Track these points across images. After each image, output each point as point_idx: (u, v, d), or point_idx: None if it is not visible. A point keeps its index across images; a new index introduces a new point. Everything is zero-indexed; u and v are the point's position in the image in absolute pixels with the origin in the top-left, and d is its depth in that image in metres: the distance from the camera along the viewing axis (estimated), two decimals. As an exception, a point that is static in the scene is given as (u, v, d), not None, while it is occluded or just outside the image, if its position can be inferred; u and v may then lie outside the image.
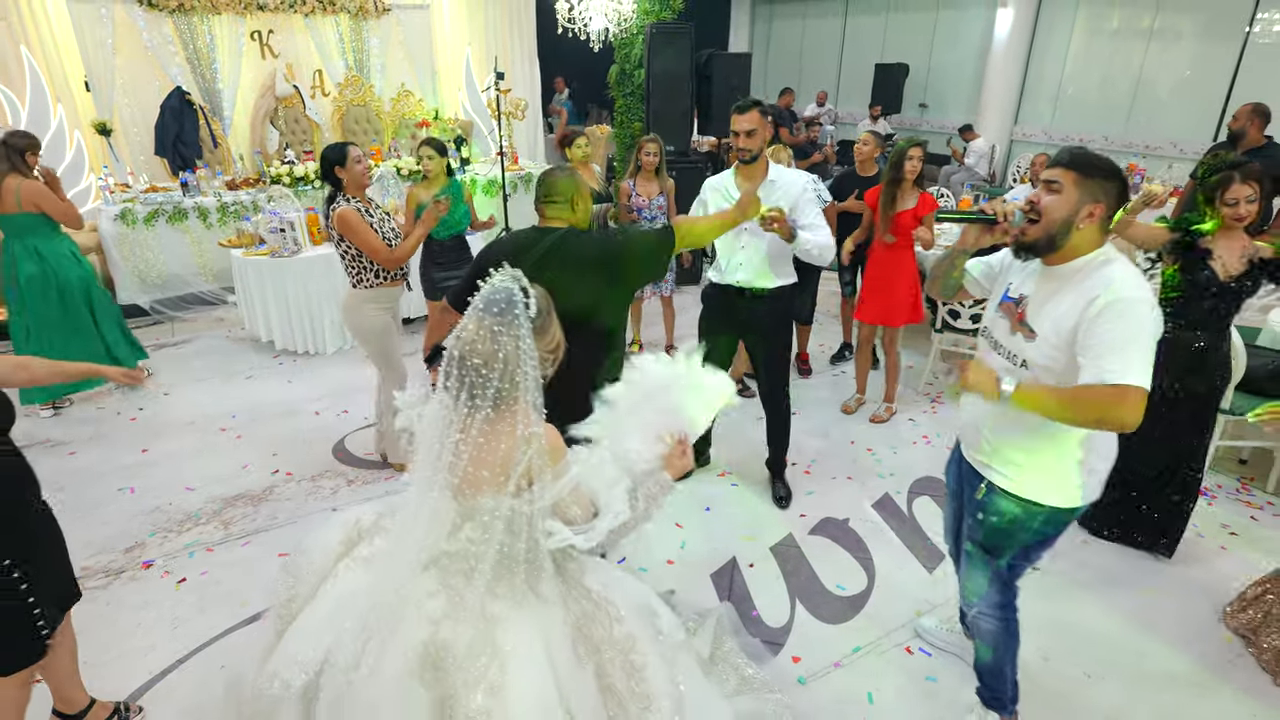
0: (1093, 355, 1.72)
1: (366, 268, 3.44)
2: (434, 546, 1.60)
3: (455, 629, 1.54)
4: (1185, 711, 2.51)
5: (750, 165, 3.14)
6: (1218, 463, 4.01)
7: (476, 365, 1.51)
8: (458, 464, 1.54)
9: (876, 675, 2.64)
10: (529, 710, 1.50)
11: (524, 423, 1.55)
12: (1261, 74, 8.14)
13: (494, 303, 1.54)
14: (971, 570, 2.22)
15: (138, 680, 2.55)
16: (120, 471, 3.82)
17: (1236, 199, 2.77)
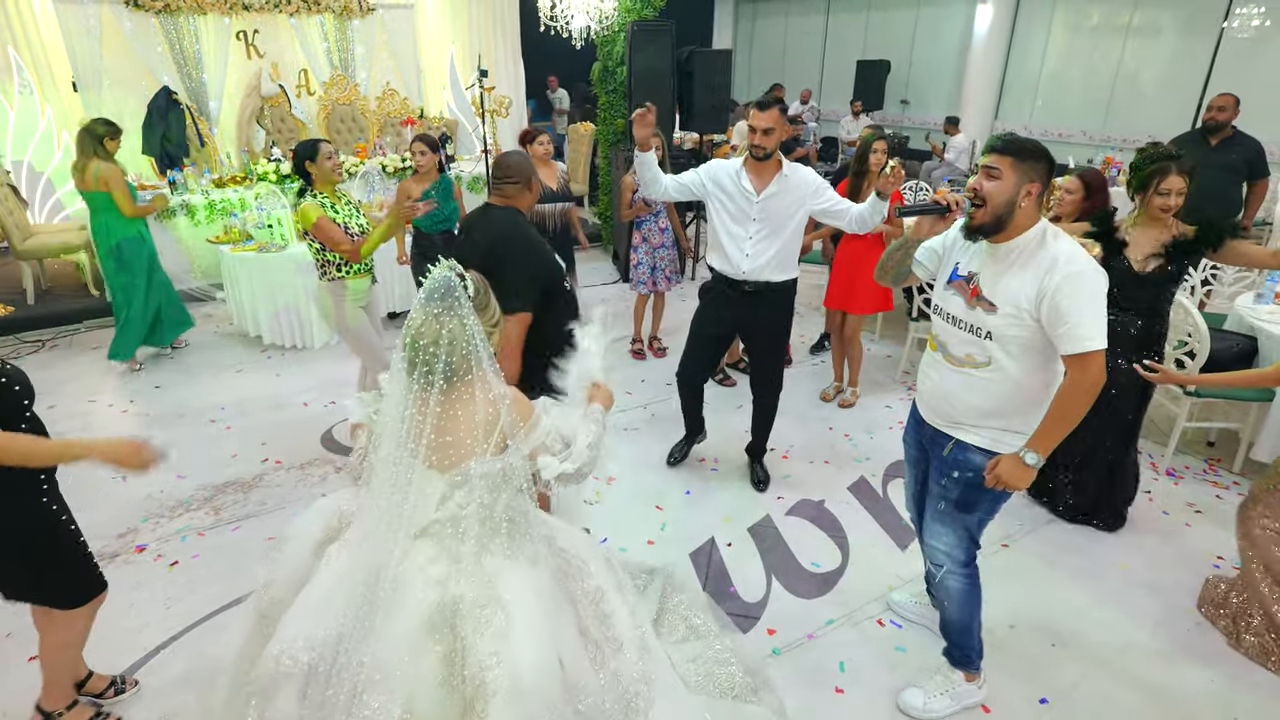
0: (1067, 326, 1.92)
1: (330, 261, 3.55)
2: (422, 518, 1.71)
3: (460, 586, 1.67)
4: (1147, 677, 2.61)
5: (763, 162, 3.18)
6: (1186, 445, 4.13)
7: (425, 345, 1.64)
8: (420, 440, 1.66)
9: (848, 646, 2.74)
10: (531, 649, 1.63)
11: (487, 388, 1.69)
12: (1236, 68, 8.30)
13: (434, 291, 1.66)
14: (943, 530, 2.32)
15: (132, 656, 2.62)
16: (111, 462, 3.87)
17: (1169, 189, 2.87)
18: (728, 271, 3.34)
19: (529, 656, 1.61)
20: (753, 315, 3.42)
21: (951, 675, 2.47)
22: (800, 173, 3.23)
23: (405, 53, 8.54)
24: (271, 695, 1.67)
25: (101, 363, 5.11)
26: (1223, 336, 3.89)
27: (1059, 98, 10.21)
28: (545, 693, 1.60)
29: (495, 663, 1.59)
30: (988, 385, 2.11)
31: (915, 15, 11.72)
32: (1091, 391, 1.96)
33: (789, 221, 3.24)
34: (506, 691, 1.57)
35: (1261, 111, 7.93)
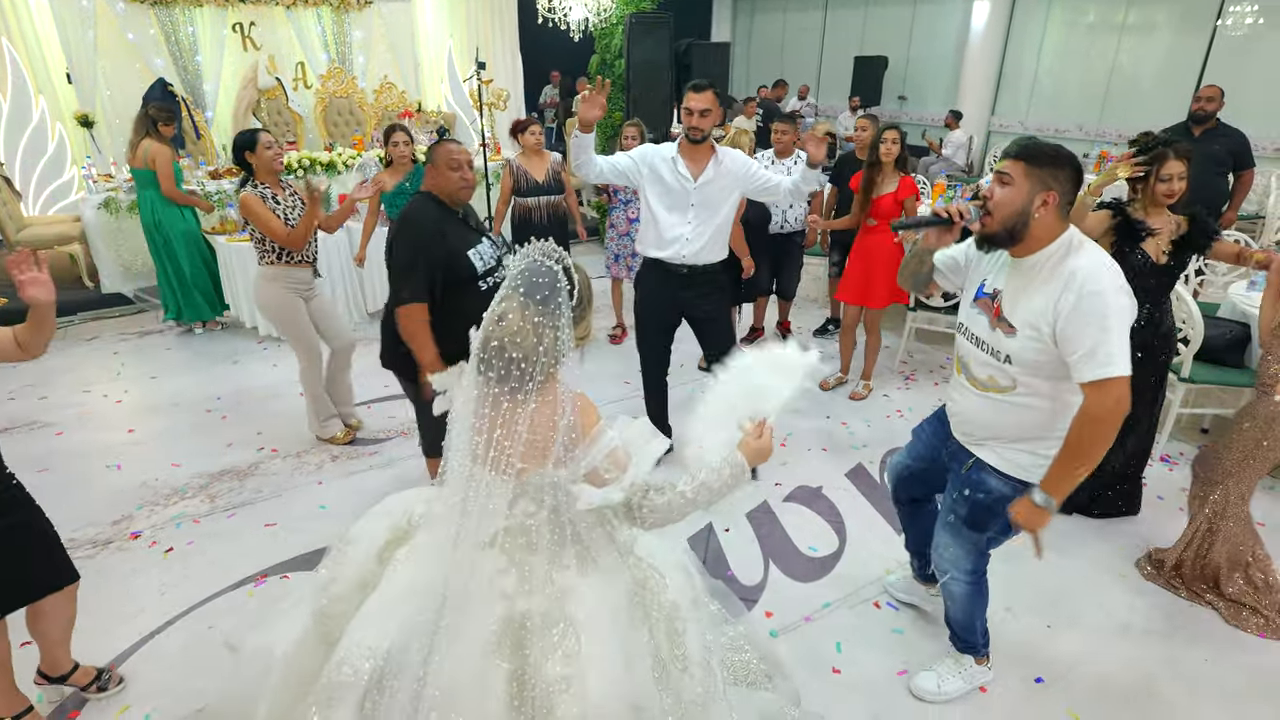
0: (1079, 355, 1.80)
1: (269, 249, 3.57)
2: (491, 526, 1.60)
3: (530, 601, 1.57)
4: (1142, 657, 2.62)
5: (698, 146, 3.17)
6: (1180, 431, 4.14)
7: (518, 360, 1.48)
8: (502, 449, 1.53)
9: (845, 628, 2.74)
10: (603, 675, 1.54)
11: (559, 404, 1.56)
12: (1229, 64, 8.32)
13: (538, 287, 1.49)
14: (950, 542, 2.25)
15: (127, 641, 2.62)
16: (107, 450, 3.87)
17: (1170, 175, 2.85)
18: (666, 257, 3.31)
19: (600, 685, 1.53)
20: (695, 298, 3.39)
21: (962, 659, 2.47)
22: (732, 155, 3.24)
23: (403, 45, 8.52)
24: (335, 705, 1.58)
25: (96, 354, 5.11)
26: (1216, 324, 3.90)
27: (1055, 94, 10.23)
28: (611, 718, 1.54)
29: (565, 688, 1.51)
30: (1011, 410, 2.01)
31: (912, 11, 11.73)
32: (1112, 424, 1.79)
33: (724, 205, 3.25)
34: (574, 717, 1.50)
35: (1253, 107, 7.97)
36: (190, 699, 2.36)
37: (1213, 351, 3.81)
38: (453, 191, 2.77)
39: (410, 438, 4.00)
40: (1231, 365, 3.86)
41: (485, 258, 2.81)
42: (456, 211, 2.82)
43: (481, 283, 2.78)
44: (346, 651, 1.60)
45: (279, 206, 3.52)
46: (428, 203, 2.79)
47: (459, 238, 2.76)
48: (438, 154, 2.75)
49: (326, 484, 3.59)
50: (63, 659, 2.35)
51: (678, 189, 3.21)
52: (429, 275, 2.66)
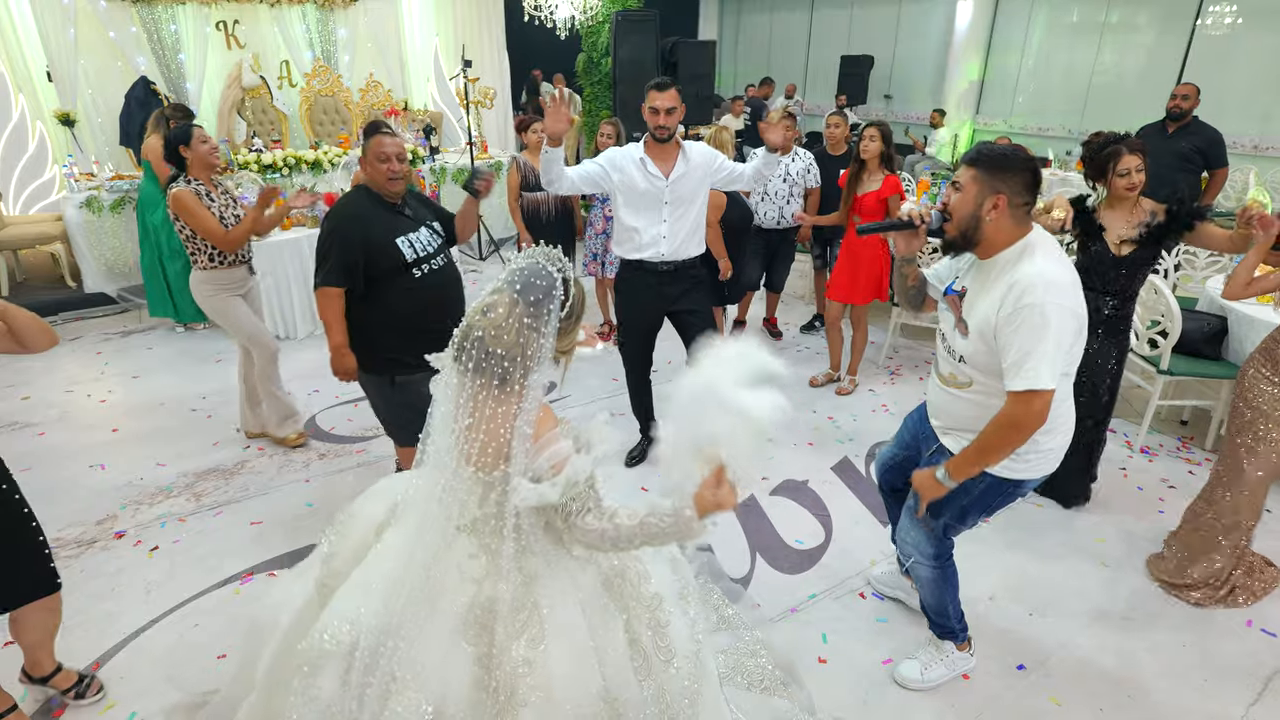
0: (1007, 359, 1.88)
1: (201, 249, 3.47)
2: (467, 514, 1.61)
3: (497, 586, 1.58)
4: (1121, 644, 2.66)
5: (665, 145, 3.17)
6: (1159, 423, 4.20)
7: (497, 355, 1.48)
8: (472, 446, 1.54)
9: (831, 618, 2.77)
10: (566, 660, 1.56)
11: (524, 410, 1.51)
12: (1208, 64, 8.42)
13: (533, 288, 1.48)
14: (910, 526, 2.33)
15: (111, 640, 2.61)
16: (91, 449, 3.84)
17: (1128, 169, 2.91)
18: (645, 257, 3.31)
19: (564, 668, 1.55)
20: (677, 294, 3.41)
21: (943, 645, 2.50)
22: (697, 149, 3.26)
23: (389, 43, 8.49)
24: (317, 671, 1.62)
25: (79, 354, 5.07)
26: (1194, 317, 3.96)
27: (1039, 93, 10.32)
28: (577, 706, 1.54)
29: (528, 671, 1.53)
30: (970, 406, 2.08)
31: (898, 11, 11.80)
32: (1025, 432, 1.88)
33: (697, 199, 3.28)
34: (537, 703, 1.52)
35: (1232, 105, 8.09)
36: (175, 697, 2.36)
37: (1191, 344, 3.86)
38: (381, 183, 2.76)
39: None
40: (1209, 357, 3.92)
41: (420, 245, 2.81)
42: (391, 202, 2.82)
43: (416, 270, 2.78)
44: (328, 620, 1.64)
45: (214, 205, 3.41)
46: (357, 194, 2.84)
47: (386, 225, 2.77)
48: (367, 146, 2.76)
49: (313, 481, 3.59)
50: (44, 661, 2.32)
51: (650, 189, 3.21)
52: (344, 261, 2.69)
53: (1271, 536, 3.17)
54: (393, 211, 2.83)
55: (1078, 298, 1.90)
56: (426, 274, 2.82)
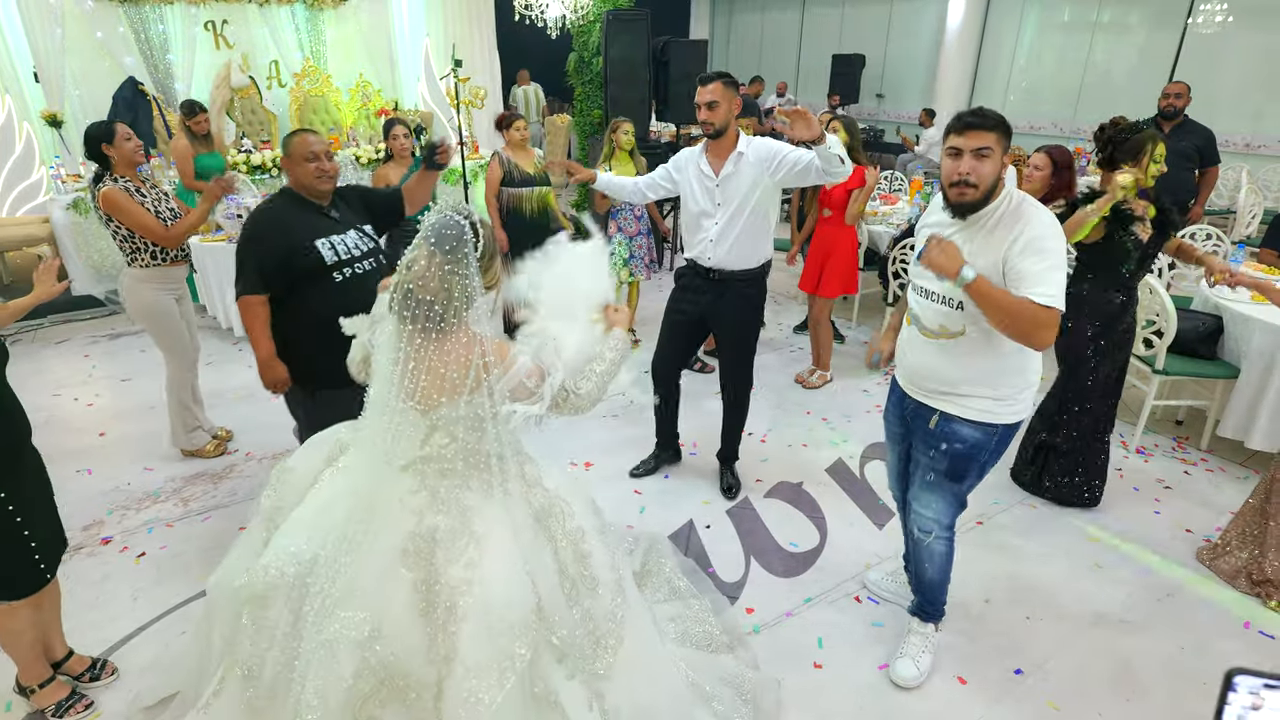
0: (1026, 285, 1.95)
1: (141, 247, 3.39)
2: (408, 454, 1.74)
3: (436, 518, 1.73)
4: (1119, 647, 2.65)
5: (719, 141, 3.06)
6: (1155, 423, 4.20)
7: (427, 300, 1.63)
8: (415, 385, 1.68)
9: (826, 623, 2.74)
10: (501, 579, 1.69)
11: (471, 344, 1.70)
12: (1199, 62, 8.44)
13: (446, 239, 1.63)
14: (933, 499, 2.36)
15: (99, 647, 2.56)
16: (77, 454, 3.79)
17: (1161, 156, 2.91)
18: (696, 258, 3.25)
19: (499, 586, 1.68)
20: (720, 305, 3.26)
21: (924, 630, 2.53)
22: (756, 146, 3.06)
23: (379, 43, 8.43)
24: (264, 604, 1.77)
25: (67, 356, 5.01)
26: (1189, 316, 3.95)
27: (1031, 91, 10.33)
28: (514, 620, 1.67)
29: (466, 589, 1.66)
30: (962, 355, 2.15)
31: (889, 10, 11.80)
32: (1038, 330, 1.95)
33: (749, 200, 3.08)
34: (477, 615, 1.64)
35: (1223, 103, 8.11)
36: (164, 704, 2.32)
37: (1186, 344, 3.85)
38: (309, 183, 2.68)
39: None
40: (1205, 357, 3.91)
41: (344, 248, 2.73)
42: (317, 204, 2.74)
43: (337, 274, 2.69)
44: (274, 555, 1.79)
45: (145, 200, 3.33)
46: (279, 196, 2.77)
47: (306, 228, 2.68)
48: (291, 144, 2.68)
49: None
50: (57, 644, 2.38)
51: (703, 187, 3.15)
52: (261, 268, 2.62)
53: None
54: (317, 213, 2.74)
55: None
56: (350, 278, 2.72)
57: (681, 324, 3.42)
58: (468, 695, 1.61)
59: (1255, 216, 6.83)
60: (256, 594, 1.78)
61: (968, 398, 2.18)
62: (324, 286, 2.66)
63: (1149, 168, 2.95)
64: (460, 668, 1.63)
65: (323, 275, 2.66)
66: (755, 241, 3.17)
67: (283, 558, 1.78)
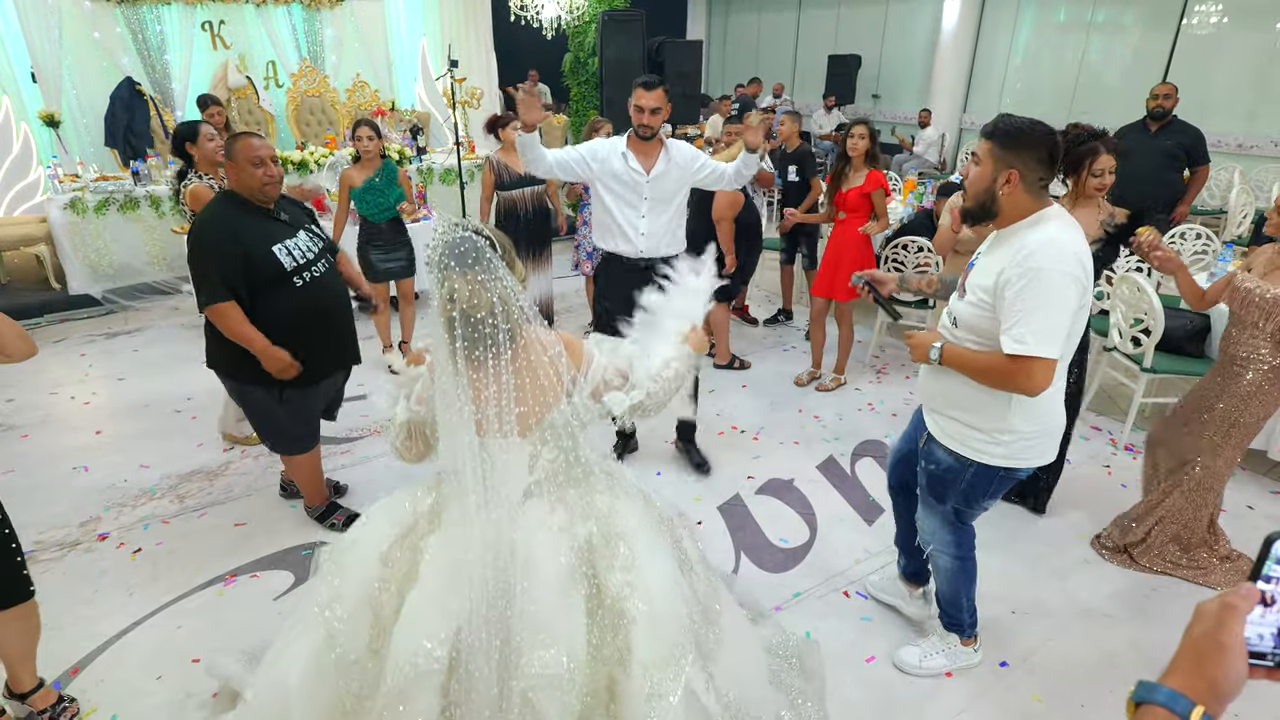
0: (1006, 323, 1.87)
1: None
2: (520, 485, 1.71)
3: (585, 526, 1.74)
4: (1104, 641, 2.68)
5: (648, 141, 3.19)
6: (1143, 420, 4.23)
7: (483, 319, 1.58)
8: (508, 410, 1.64)
9: (815, 616, 2.78)
10: (659, 574, 1.74)
11: (544, 345, 1.71)
12: (1193, 63, 8.49)
13: (464, 255, 1.58)
14: (927, 513, 2.38)
15: (94, 642, 2.59)
16: (74, 452, 3.82)
17: (1103, 169, 2.89)
18: (623, 252, 3.31)
19: (658, 583, 1.72)
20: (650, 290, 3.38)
21: (947, 638, 2.53)
22: (679, 148, 3.26)
23: (375, 43, 8.46)
24: (409, 699, 1.64)
25: (64, 356, 5.04)
26: (1177, 315, 3.98)
27: (1025, 91, 10.37)
28: (678, 614, 1.71)
29: (630, 593, 1.68)
30: (950, 374, 2.08)
31: (885, 10, 11.84)
32: (1009, 383, 1.89)
33: (676, 196, 3.27)
34: (645, 617, 1.67)
35: (1216, 104, 8.15)
36: (159, 699, 2.35)
37: (1173, 341, 3.89)
38: (255, 188, 2.69)
39: (382, 436, 3.98)
40: (1192, 355, 3.95)
41: (300, 251, 2.74)
42: (264, 208, 2.75)
43: (296, 278, 2.70)
44: (415, 646, 1.64)
45: None
46: (224, 202, 2.74)
47: (260, 234, 2.68)
48: (236, 149, 2.66)
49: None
50: (24, 677, 2.23)
51: (630, 183, 3.21)
52: (224, 276, 2.60)
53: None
54: (266, 218, 2.73)
55: (1086, 267, 1.88)
56: (308, 282, 2.75)
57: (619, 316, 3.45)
58: (651, 692, 1.62)
59: (1246, 216, 6.87)
60: (400, 692, 1.64)
61: (950, 422, 2.15)
62: (284, 292, 2.69)
63: (1087, 180, 2.92)
64: (638, 667, 1.64)
65: (283, 281, 2.69)
66: (678, 231, 3.35)
67: (431, 644, 1.64)
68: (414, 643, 1.64)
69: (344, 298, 3.00)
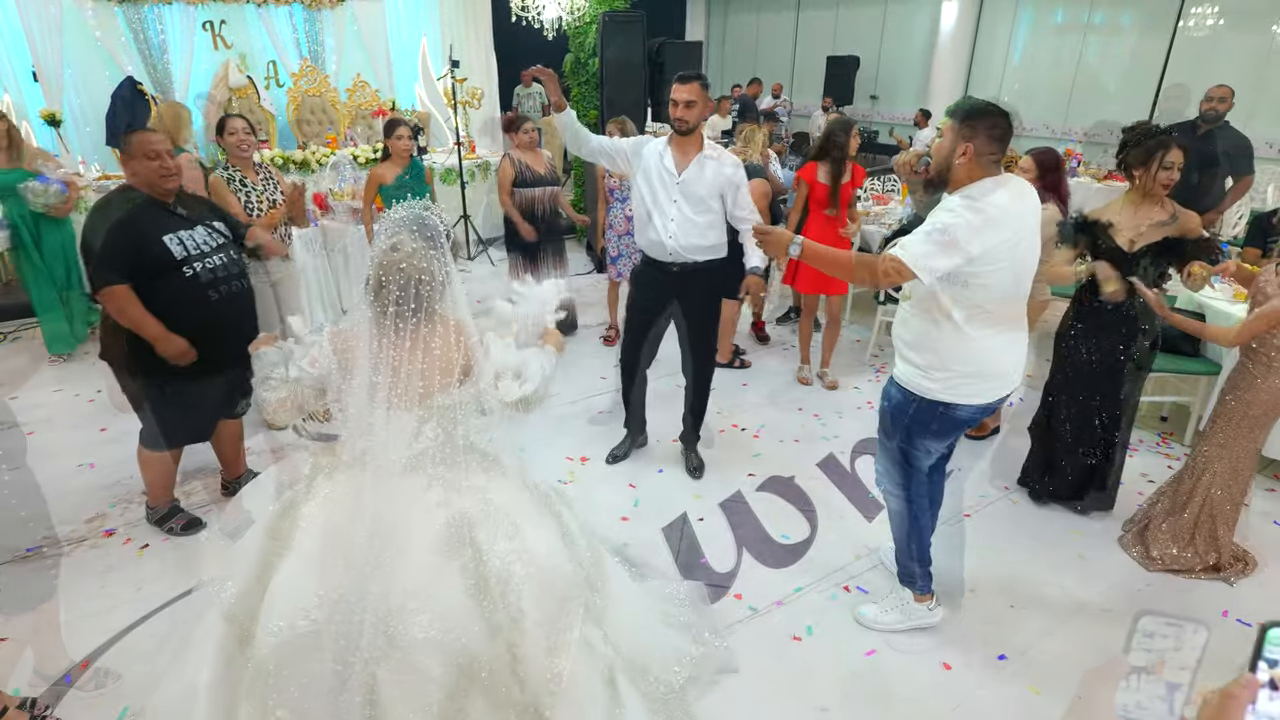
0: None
1: None
2: (401, 454, 1.79)
3: (461, 502, 1.81)
4: (1100, 636, 2.72)
5: (687, 139, 3.18)
6: (1140, 419, 4.26)
7: (415, 281, 1.71)
8: (403, 378, 1.74)
9: (816, 611, 2.81)
10: (541, 540, 1.85)
11: (460, 330, 1.82)
12: (1190, 64, 8.53)
13: (425, 227, 1.75)
14: (880, 452, 2.65)
15: (102, 636, 2.61)
16: (80, 449, 3.84)
17: (1174, 163, 2.87)
18: (654, 252, 3.32)
19: (542, 546, 1.84)
20: (681, 297, 3.37)
21: (901, 592, 2.68)
22: (720, 165, 3.20)
23: (376, 44, 8.48)
24: (292, 664, 1.69)
25: (67, 353, 5.05)
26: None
27: (1023, 92, 10.42)
28: (564, 572, 1.84)
29: (515, 558, 1.78)
30: (905, 318, 2.42)
31: (883, 12, 11.88)
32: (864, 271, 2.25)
33: (710, 201, 3.22)
34: (533, 580, 1.78)
35: (1214, 104, 8.17)
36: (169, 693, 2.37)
37: (1170, 341, 3.92)
38: (153, 180, 2.74)
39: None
40: (1188, 354, 3.99)
41: (193, 243, 2.78)
42: (160, 201, 2.79)
43: (186, 268, 2.75)
44: (291, 610, 1.71)
45: (243, 190, 3.61)
46: (117, 192, 2.80)
47: (152, 224, 2.73)
48: (132, 143, 2.72)
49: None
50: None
51: (661, 181, 3.22)
52: (114, 261, 2.64)
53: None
54: (161, 209, 2.79)
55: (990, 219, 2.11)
56: (200, 273, 2.78)
57: (642, 321, 3.52)
58: (551, 644, 1.75)
59: (1242, 218, 6.91)
60: (279, 661, 1.69)
61: (903, 363, 2.42)
62: (173, 282, 2.73)
63: (1158, 174, 2.89)
64: (531, 624, 1.75)
65: (172, 271, 2.73)
66: (713, 233, 3.31)
67: (306, 606, 1.71)
68: (290, 608, 1.72)
69: (240, 295, 2.98)
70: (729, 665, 2.51)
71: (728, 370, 4.84)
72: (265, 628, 1.71)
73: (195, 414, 3.09)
